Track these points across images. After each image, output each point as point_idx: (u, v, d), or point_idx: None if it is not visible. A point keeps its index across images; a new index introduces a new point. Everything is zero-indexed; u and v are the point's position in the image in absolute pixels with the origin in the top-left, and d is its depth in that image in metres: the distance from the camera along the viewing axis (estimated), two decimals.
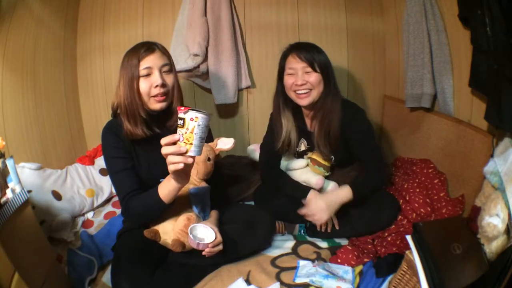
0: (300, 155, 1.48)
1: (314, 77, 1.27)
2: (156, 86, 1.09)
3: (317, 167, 1.41)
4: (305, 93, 1.29)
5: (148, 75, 1.10)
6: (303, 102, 1.30)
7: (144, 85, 1.10)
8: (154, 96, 1.11)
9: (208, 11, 1.78)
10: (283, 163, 1.50)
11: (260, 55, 1.98)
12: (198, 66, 1.82)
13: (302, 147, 1.46)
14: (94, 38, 1.91)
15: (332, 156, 1.40)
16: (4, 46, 1.39)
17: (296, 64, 1.29)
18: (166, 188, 1.02)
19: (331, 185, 1.42)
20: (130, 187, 1.10)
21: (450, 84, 1.43)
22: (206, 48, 1.80)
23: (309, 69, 1.27)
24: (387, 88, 2.01)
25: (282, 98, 1.38)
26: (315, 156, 1.42)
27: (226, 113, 2.05)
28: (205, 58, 1.82)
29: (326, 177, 1.45)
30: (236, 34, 1.87)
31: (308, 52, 1.28)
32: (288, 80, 1.31)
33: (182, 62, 1.80)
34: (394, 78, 1.91)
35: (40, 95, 1.62)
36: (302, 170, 1.45)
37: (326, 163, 1.41)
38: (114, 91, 1.16)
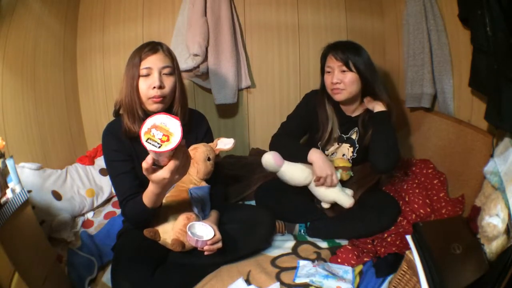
0: (335, 140, 1.48)
1: (349, 77, 1.34)
2: (154, 87, 1.09)
3: (345, 172, 1.41)
4: (339, 90, 1.35)
5: (147, 75, 1.10)
6: (337, 97, 1.38)
7: (142, 85, 1.10)
8: (151, 98, 1.11)
9: (208, 11, 1.78)
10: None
11: (260, 55, 1.98)
12: (198, 66, 1.82)
13: (337, 131, 1.46)
14: (94, 38, 1.91)
15: (358, 145, 1.44)
16: (4, 46, 1.39)
17: (332, 63, 1.36)
18: (148, 193, 1.00)
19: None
20: (129, 191, 1.10)
21: (450, 84, 1.43)
22: (206, 48, 1.80)
23: (344, 68, 1.34)
24: (387, 88, 2.01)
25: (322, 91, 1.46)
26: (338, 161, 1.42)
27: (226, 113, 2.05)
28: (205, 58, 1.82)
29: (348, 180, 1.44)
30: (236, 34, 1.87)
31: (343, 52, 1.34)
32: (326, 79, 1.40)
33: (182, 62, 1.80)
34: (394, 78, 1.91)
35: (40, 95, 1.62)
36: (333, 189, 1.38)
37: (348, 164, 1.43)
38: (118, 90, 1.17)
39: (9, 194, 0.85)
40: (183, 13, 1.84)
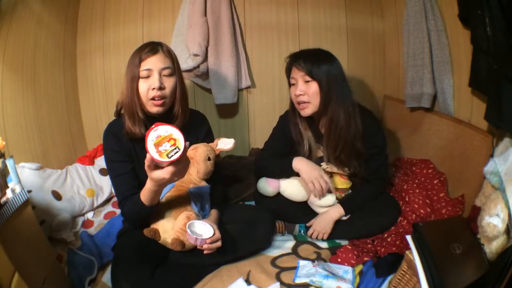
0: (318, 161, 1.42)
1: (313, 88, 1.24)
2: (153, 88, 1.09)
3: (342, 194, 1.38)
4: (304, 103, 1.26)
5: (147, 76, 1.09)
6: (302, 112, 1.29)
7: (142, 87, 1.10)
8: (152, 99, 1.10)
9: (208, 11, 1.78)
10: (314, 197, 1.38)
11: (260, 55, 1.98)
12: (198, 66, 1.82)
13: (320, 153, 1.41)
14: (94, 38, 1.91)
15: (346, 168, 1.36)
16: (4, 46, 1.39)
17: (295, 74, 1.27)
18: (145, 191, 1.01)
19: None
20: (128, 191, 1.10)
21: (450, 84, 1.43)
22: (206, 48, 1.80)
23: (307, 77, 1.24)
24: (387, 88, 2.01)
25: (296, 108, 1.35)
26: (337, 181, 1.37)
27: (226, 113, 2.05)
28: (205, 58, 1.82)
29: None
30: (236, 34, 1.87)
31: (305, 61, 1.24)
32: (292, 91, 1.30)
33: (182, 62, 1.80)
34: (394, 78, 1.91)
35: (40, 95, 1.62)
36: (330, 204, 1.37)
37: (346, 186, 1.37)
38: (119, 91, 1.17)
39: (9, 194, 0.85)
40: (183, 13, 1.85)
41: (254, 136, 2.08)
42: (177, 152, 0.87)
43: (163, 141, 0.88)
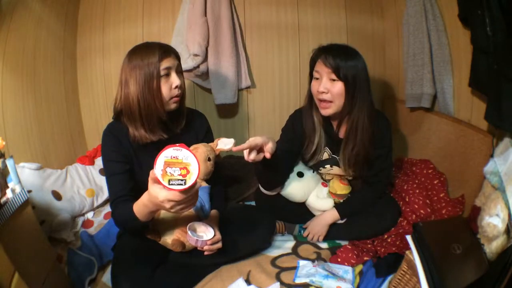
0: (317, 166, 1.39)
1: (338, 87, 1.17)
2: (176, 87, 1.10)
3: (341, 200, 1.37)
4: (326, 102, 1.20)
5: (167, 75, 1.09)
6: (323, 112, 1.23)
7: (164, 87, 1.08)
8: (173, 97, 1.11)
9: (208, 11, 1.77)
10: (312, 199, 1.39)
11: (260, 55, 1.97)
12: (198, 66, 1.82)
13: (325, 155, 1.36)
14: (94, 38, 1.91)
15: (352, 172, 1.32)
16: (4, 46, 1.39)
17: (320, 69, 1.19)
18: (141, 206, 0.95)
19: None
20: (121, 191, 1.09)
21: (450, 84, 1.43)
22: (206, 48, 1.80)
23: (333, 76, 1.17)
24: (387, 88, 2.01)
25: (313, 101, 1.28)
26: (336, 186, 1.36)
27: (226, 113, 2.05)
28: (205, 58, 1.82)
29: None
30: (236, 34, 1.87)
31: (334, 58, 1.16)
32: (313, 86, 1.23)
33: (182, 62, 1.78)
34: (394, 78, 1.91)
35: (40, 95, 1.62)
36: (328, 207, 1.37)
37: (345, 191, 1.36)
38: (118, 94, 1.12)
39: (9, 194, 0.85)
40: (183, 13, 1.84)
41: (254, 136, 2.08)
42: (180, 184, 0.79)
43: (176, 164, 0.79)
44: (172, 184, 0.79)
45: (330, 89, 1.18)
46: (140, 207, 0.95)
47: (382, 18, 1.95)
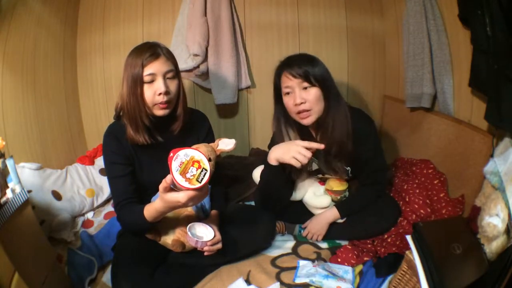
0: (313, 173, 1.39)
1: (313, 94, 1.17)
2: (160, 94, 1.06)
3: (338, 196, 1.36)
4: (306, 111, 1.19)
5: (151, 81, 1.06)
6: (306, 121, 1.21)
7: (147, 92, 1.06)
8: (157, 103, 1.08)
9: (208, 11, 1.78)
10: (309, 197, 1.38)
11: (260, 55, 1.98)
12: (198, 66, 1.82)
13: (314, 165, 1.36)
14: (94, 38, 1.91)
15: (348, 168, 1.31)
16: (4, 46, 1.39)
17: (290, 82, 1.19)
18: (152, 210, 0.99)
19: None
20: (125, 194, 1.09)
21: (450, 84, 1.43)
22: (206, 48, 1.80)
23: (305, 84, 1.17)
24: (387, 88, 2.01)
25: (283, 120, 1.28)
26: (332, 183, 1.35)
27: (226, 113, 2.05)
28: (205, 58, 1.82)
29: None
30: (236, 34, 1.87)
31: (300, 66, 1.17)
32: (288, 102, 1.21)
33: (182, 62, 1.80)
34: (394, 78, 1.91)
35: (40, 95, 1.62)
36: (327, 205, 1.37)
37: (342, 188, 1.35)
38: (118, 91, 1.13)
39: (9, 194, 0.85)
40: (183, 13, 1.85)
41: (254, 136, 2.08)
42: (205, 173, 0.85)
43: (187, 167, 0.84)
44: (202, 179, 0.85)
45: (306, 98, 1.17)
46: (152, 212, 0.98)
47: (382, 18, 1.95)
